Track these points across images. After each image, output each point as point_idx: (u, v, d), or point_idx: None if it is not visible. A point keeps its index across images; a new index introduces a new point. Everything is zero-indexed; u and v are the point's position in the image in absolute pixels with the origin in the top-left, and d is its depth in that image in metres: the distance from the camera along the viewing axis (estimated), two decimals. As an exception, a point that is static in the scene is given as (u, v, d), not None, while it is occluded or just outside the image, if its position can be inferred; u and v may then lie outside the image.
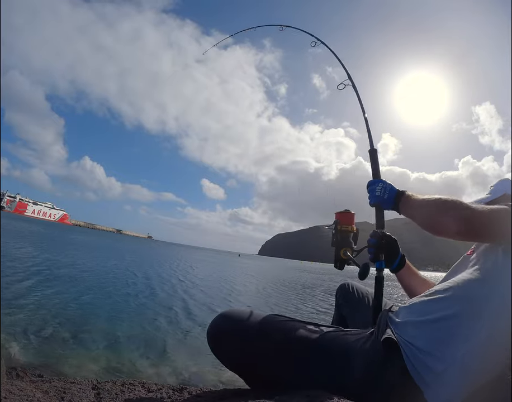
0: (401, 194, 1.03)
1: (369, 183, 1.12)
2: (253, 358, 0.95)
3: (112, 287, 5.49)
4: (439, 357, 0.76)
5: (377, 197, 1.07)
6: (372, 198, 1.09)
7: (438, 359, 0.76)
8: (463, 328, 0.77)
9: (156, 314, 4.05)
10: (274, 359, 0.93)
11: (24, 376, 1.10)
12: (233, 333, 0.97)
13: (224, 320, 1.01)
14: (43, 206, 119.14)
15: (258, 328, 0.96)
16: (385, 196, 1.04)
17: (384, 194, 1.05)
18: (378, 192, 1.07)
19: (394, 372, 0.78)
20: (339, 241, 1.11)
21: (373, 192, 1.09)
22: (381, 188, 1.06)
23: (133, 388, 1.15)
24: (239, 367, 1.03)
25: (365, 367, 0.82)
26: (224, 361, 1.03)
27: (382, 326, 0.89)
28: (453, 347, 0.76)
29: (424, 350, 0.78)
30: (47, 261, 7.22)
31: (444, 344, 0.77)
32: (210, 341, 1.01)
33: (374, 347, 0.84)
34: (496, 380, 0.83)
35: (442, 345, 0.77)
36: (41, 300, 3.70)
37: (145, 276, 7.73)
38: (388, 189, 1.05)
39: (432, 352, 0.77)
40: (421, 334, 0.80)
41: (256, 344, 0.94)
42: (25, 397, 0.81)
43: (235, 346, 0.97)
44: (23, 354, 2.14)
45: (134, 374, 2.16)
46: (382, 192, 1.06)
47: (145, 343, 2.83)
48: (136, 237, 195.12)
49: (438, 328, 0.80)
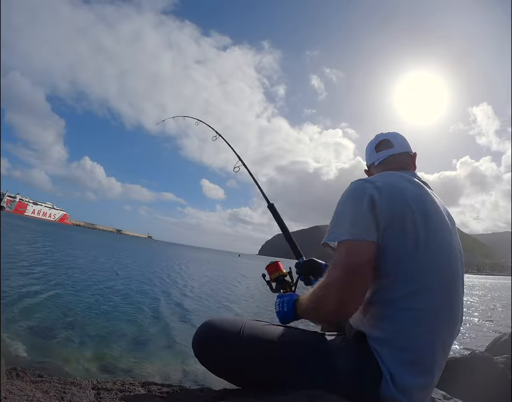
0: (296, 302, 1.03)
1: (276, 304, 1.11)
2: (238, 362, 0.99)
3: (112, 288, 5.50)
4: (376, 349, 0.85)
5: (278, 313, 1.07)
6: (278, 316, 1.08)
7: (377, 351, 0.84)
8: (389, 308, 0.84)
9: (155, 314, 4.05)
10: (259, 363, 0.96)
11: (24, 376, 1.09)
12: (218, 340, 1.00)
13: (208, 329, 1.04)
14: (43, 206, 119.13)
15: (242, 333, 1.00)
16: (285, 309, 1.05)
17: (283, 307, 1.05)
18: (278, 308, 1.07)
19: (370, 364, 0.85)
20: (276, 288, 1.24)
21: (275, 309, 1.09)
22: (279, 304, 1.07)
23: (133, 388, 1.14)
24: (226, 373, 1.05)
25: (346, 363, 0.88)
26: (210, 368, 1.05)
27: (350, 326, 0.96)
28: (381, 333, 0.84)
29: (373, 347, 0.86)
30: (47, 261, 7.22)
31: (377, 335, 0.85)
32: (196, 350, 1.04)
33: (350, 343, 0.92)
34: (496, 380, 0.83)
35: (376, 336, 0.85)
36: (41, 300, 3.70)
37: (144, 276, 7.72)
38: (286, 301, 1.06)
39: (375, 346, 0.85)
40: (367, 325, 0.88)
41: (241, 350, 0.98)
42: (25, 397, 0.81)
43: (220, 353, 0.99)
44: (23, 354, 2.14)
45: (134, 374, 2.16)
46: (281, 306, 1.06)
47: (145, 343, 2.83)
48: (136, 237, 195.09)
49: (371, 326, 0.87)
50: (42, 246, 11.36)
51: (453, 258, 0.88)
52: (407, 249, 0.83)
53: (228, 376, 1.06)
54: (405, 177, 0.95)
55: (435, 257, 0.85)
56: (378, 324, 0.86)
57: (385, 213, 0.84)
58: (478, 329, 5.35)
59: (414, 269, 0.83)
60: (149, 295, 5.35)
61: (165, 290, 6.16)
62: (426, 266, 0.84)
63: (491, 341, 2.46)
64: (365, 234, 0.83)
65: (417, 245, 0.83)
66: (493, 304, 10.92)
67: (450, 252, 0.88)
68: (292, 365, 0.94)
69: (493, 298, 13.10)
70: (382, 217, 0.84)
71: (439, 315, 0.84)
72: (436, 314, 0.83)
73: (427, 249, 0.84)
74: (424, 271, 0.83)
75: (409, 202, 0.85)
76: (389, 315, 0.84)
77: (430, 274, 0.84)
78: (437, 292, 0.84)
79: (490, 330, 5.24)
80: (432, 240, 0.84)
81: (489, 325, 5.91)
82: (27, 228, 23.65)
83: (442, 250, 0.87)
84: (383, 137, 1.13)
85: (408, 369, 0.82)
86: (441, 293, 0.84)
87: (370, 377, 0.85)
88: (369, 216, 0.84)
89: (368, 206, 0.85)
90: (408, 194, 0.87)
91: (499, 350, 2.15)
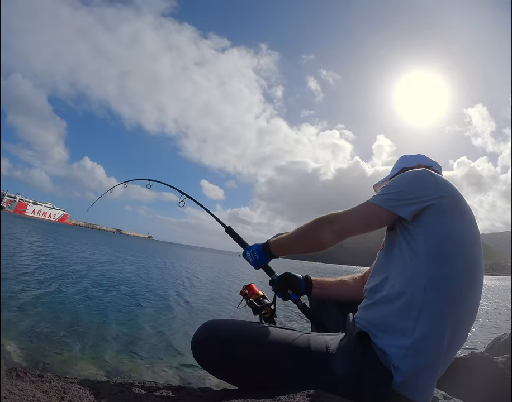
0: (265, 245, 1.21)
1: (242, 256, 1.29)
2: (238, 364, 0.99)
3: (112, 287, 5.50)
4: (392, 352, 0.85)
5: (253, 262, 1.24)
6: (252, 264, 1.25)
7: (393, 354, 0.85)
8: (404, 320, 0.86)
9: (155, 314, 4.05)
10: (258, 364, 0.97)
11: (24, 376, 1.09)
12: (217, 341, 1.00)
13: (208, 330, 1.04)
14: (43, 206, 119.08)
15: (241, 335, 1.01)
16: (256, 256, 1.22)
17: (254, 255, 1.22)
18: (251, 259, 1.24)
19: (371, 364, 0.86)
20: (258, 308, 1.26)
21: (248, 261, 1.26)
22: (250, 254, 1.24)
23: (133, 388, 1.14)
24: (225, 374, 1.05)
25: (346, 363, 0.89)
26: (210, 369, 1.05)
27: (351, 326, 0.97)
28: (402, 339, 0.85)
29: (382, 350, 0.87)
30: (46, 260, 7.22)
31: (394, 339, 0.86)
32: (195, 351, 1.03)
33: (350, 342, 0.93)
34: (496, 380, 0.83)
35: (393, 340, 0.87)
36: (41, 300, 3.70)
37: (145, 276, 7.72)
38: (255, 249, 1.22)
39: (387, 349, 0.86)
40: (376, 336, 0.89)
41: (239, 351, 0.98)
42: (26, 397, 0.81)
43: (219, 355, 0.99)
44: (23, 354, 2.14)
45: (134, 374, 2.16)
46: (253, 255, 1.23)
47: (145, 343, 2.83)
48: (136, 237, 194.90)
49: (385, 329, 0.89)
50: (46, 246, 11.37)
51: (481, 268, 0.93)
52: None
53: (228, 377, 1.06)
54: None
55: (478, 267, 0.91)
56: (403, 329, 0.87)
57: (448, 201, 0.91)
58: (478, 329, 5.35)
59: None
60: (149, 295, 5.35)
61: (165, 290, 6.16)
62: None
63: (491, 341, 2.45)
64: (399, 208, 0.93)
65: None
66: (493, 304, 10.92)
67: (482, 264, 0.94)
68: (291, 365, 0.94)
69: (493, 298, 13.10)
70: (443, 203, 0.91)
71: (465, 320, 0.89)
72: (463, 320, 0.88)
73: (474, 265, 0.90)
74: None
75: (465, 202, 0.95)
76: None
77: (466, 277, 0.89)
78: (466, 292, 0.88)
79: (490, 330, 5.23)
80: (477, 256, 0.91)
81: (489, 325, 5.91)
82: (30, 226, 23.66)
83: (479, 265, 0.92)
84: (431, 163, 1.18)
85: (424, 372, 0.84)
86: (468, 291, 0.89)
87: (371, 377, 0.85)
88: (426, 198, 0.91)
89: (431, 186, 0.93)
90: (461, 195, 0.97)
91: (499, 350, 2.15)
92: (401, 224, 0.97)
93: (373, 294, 0.97)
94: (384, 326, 0.89)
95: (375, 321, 0.91)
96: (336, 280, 1.35)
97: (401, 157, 1.26)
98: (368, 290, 1.01)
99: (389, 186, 1.00)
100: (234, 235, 1.48)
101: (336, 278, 1.37)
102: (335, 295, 1.31)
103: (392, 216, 0.96)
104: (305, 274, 1.34)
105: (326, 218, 1.05)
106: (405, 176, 1.00)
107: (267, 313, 1.23)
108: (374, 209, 0.98)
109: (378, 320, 0.91)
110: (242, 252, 1.30)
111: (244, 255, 1.27)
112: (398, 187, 0.97)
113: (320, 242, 1.06)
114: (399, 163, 1.24)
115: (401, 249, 0.94)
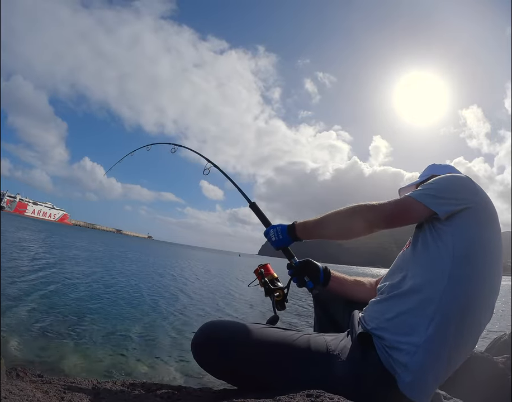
0: (292, 226, 1.17)
1: (264, 234, 1.26)
2: (238, 364, 0.98)
3: (112, 289, 5.49)
4: (402, 349, 0.85)
5: (275, 242, 1.21)
6: (273, 244, 1.22)
7: (402, 351, 0.85)
8: (418, 317, 0.86)
9: (155, 314, 4.05)
10: (258, 365, 0.97)
11: (24, 376, 1.09)
12: (217, 342, 1.00)
13: (208, 331, 1.03)
14: (43, 206, 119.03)
15: (241, 336, 1.00)
16: (280, 236, 1.19)
17: (278, 235, 1.19)
18: (274, 238, 1.21)
19: (372, 365, 0.86)
20: (271, 289, 1.22)
21: (270, 240, 1.22)
22: (274, 233, 1.21)
23: (133, 388, 1.14)
24: (225, 375, 1.05)
25: (346, 364, 0.88)
26: (210, 370, 1.04)
27: (355, 325, 0.97)
28: (414, 337, 0.84)
29: (390, 346, 0.86)
30: (45, 260, 7.21)
31: (406, 336, 0.86)
32: (195, 351, 1.03)
33: (351, 343, 0.92)
34: (496, 380, 0.83)
35: (404, 337, 0.86)
36: (41, 300, 3.70)
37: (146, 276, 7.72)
38: (280, 229, 1.20)
39: (397, 346, 0.86)
40: (385, 332, 0.89)
41: (240, 352, 0.98)
42: (26, 397, 0.81)
43: (219, 355, 0.99)
44: (23, 354, 2.14)
45: (135, 374, 2.16)
46: (276, 235, 1.20)
47: (145, 343, 2.83)
48: (136, 237, 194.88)
49: (397, 324, 0.88)
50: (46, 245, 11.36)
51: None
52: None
53: (228, 377, 1.06)
54: None
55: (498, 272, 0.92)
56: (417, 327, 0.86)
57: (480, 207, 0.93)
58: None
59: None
60: (149, 295, 5.35)
61: (165, 290, 6.16)
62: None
63: (491, 341, 2.45)
64: (438, 206, 0.93)
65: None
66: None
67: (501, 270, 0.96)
68: (291, 366, 0.94)
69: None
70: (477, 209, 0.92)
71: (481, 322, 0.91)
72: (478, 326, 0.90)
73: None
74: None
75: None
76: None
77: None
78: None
79: (490, 330, 5.23)
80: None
81: (489, 325, 5.91)
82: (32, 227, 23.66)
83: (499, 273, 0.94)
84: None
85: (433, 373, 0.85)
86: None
87: (371, 379, 0.85)
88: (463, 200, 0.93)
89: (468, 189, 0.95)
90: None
91: (499, 350, 2.15)
92: (430, 222, 0.97)
93: (390, 289, 0.97)
94: (396, 322, 0.89)
95: (388, 315, 0.91)
96: (352, 279, 1.32)
97: (430, 165, 1.26)
98: (385, 286, 1.00)
99: (430, 184, 1.00)
100: (258, 212, 1.43)
101: (352, 277, 1.34)
102: (350, 293, 1.28)
103: (429, 213, 0.96)
104: (324, 265, 1.31)
105: (362, 206, 1.02)
106: (448, 178, 1.01)
107: (279, 296, 1.20)
108: (414, 204, 0.97)
109: (390, 314, 0.90)
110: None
111: (267, 233, 1.24)
112: (440, 187, 0.98)
113: (352, 229, 1.05)
114: (429, 170, 1.23)
115: (427, 246, 0.94)
